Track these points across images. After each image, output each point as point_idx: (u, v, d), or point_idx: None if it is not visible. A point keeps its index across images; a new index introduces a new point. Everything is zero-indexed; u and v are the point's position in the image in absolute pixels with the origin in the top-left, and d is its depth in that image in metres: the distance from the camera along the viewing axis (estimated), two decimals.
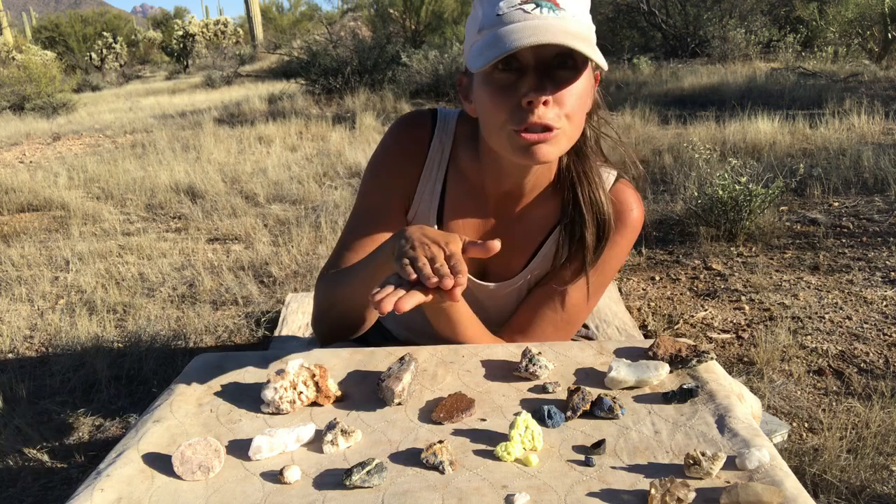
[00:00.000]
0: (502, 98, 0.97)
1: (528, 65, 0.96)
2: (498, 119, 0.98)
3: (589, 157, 1.13)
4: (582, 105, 1.00)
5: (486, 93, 0.99)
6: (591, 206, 1.12)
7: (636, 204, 1.16)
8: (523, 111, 0.95)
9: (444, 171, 1.17)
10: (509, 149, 1.00)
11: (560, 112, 0.97)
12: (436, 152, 1.17)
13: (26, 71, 11.09)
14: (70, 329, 2.72)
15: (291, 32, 20.60)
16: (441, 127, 1.18)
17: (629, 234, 1.16)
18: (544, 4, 0.94)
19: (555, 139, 0.98)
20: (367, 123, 6.78)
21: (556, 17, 0.94)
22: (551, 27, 0.92)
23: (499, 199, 1.16)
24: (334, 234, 3.68)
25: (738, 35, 10.19)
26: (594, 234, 1.13)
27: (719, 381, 0.93)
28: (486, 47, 0.94)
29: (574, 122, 1.00)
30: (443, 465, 0.76)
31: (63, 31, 26.19)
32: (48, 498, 1.78)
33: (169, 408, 0.91)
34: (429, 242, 0.90)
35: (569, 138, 1.01)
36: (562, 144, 1.00)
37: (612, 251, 1.15)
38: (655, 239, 3.42)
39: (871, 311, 2.55)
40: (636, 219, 1.16)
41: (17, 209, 4.67)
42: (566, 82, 0.96)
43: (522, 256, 1.18)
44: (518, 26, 0.93)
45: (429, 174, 1.17)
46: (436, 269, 0.85)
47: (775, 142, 4.87)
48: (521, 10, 0.94)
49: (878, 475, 1.67)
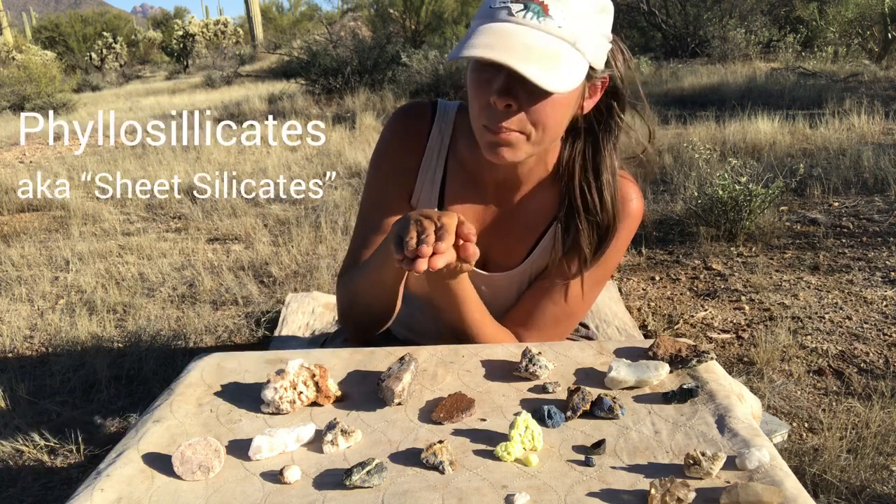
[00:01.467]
0: (479, 92, 0.97)
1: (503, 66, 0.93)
2: (473, 111, 0.99)
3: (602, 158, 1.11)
4: (554, 115, 0.98)
5: (470, 83, 0.99)
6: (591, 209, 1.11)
7: (636, 196, 1.16)
8: (491, 109, 0.96)
9: (444, 160, 1.17)
10: (480, 142, 1.01)
11: (526, 119, 0.96)
12: (435, 142, 1.17)
13: (26, 71, 11.10)
14: (70, 329, 2.72)
15: (291, 32, 20.59)
16: (441, 117, 1.18)
17: (630, 226, 1.15)
18: (532, 8, 0.92)
19: (516, 144, 0.98)
20: (367, 123, 6.78)
21: (537, 24, 0.91)
22: (516, 41, 0.90)
23: (497, 188, 1.16)
24: (334, 234, 3.68)
25: (738, 35, 10.19)
26: (591, 237, 1.13)
27: (719, 381, 0.93)
28: (462, 41, 0.94)
29: (544, 130, 0.98)
30: (443, 465, 0.76)
31: (63, 31, 26.19)
32: (48, 498, 1.78)
33: (169, 408, 0.90)
34: (422, 219, 0.91)
35: (534, 144, 1.00)
36: (525, 149, 0.99)
37: (614, 244, 1.15)
38: (655, 239, 3.41)
39: (871, 311, 2.55)
40: (636, 210, 1.16)
41: (17, 209, 4.67)
42: (539, 93, 0.93)
43: (523, 247, 1.18)
44: (493, 28, 0.92)
45: (428, 164, 1.18)
46: (420, 240, 0.87)
47: (775, 142, 4.87)
48: (506, 10, 0.92)
49: (878, 475, 1.67)
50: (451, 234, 0.89)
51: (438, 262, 0.86)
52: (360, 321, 1.17)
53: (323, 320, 2.23)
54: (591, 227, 1.12)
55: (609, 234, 1.12)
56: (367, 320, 1.16)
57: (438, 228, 0.89)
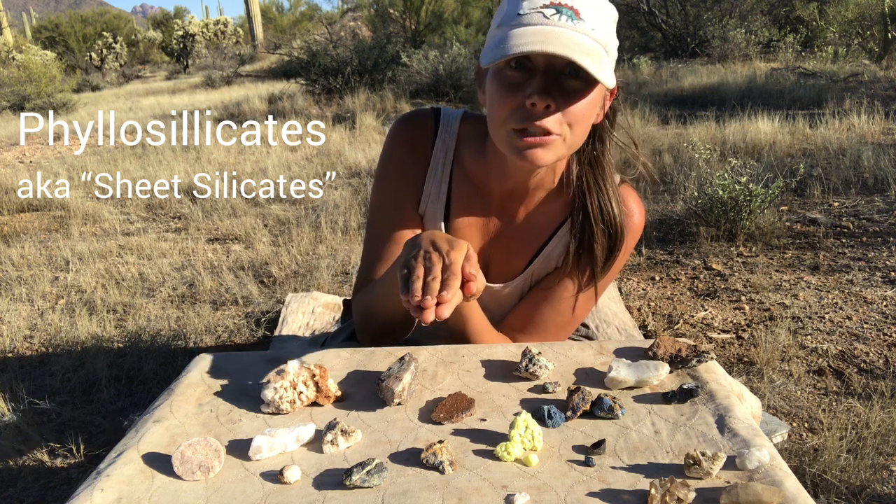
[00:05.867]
0: (508, 95, 0.97)
1: (538, 68, 0.96)
2: (501, 115, 0.98)
3: (605, 167, 1.13)
4: (587, 116, 1.00)
5: (495, 87, 0.99)
6: (604, 219, 1.12)
7: (637, 208, 1.17)
8: (525, 111, 0.95)
9: (450, 170, 1.17)
10: (507, 147, 1.00)
11: (562, 120, 0.97)
12: (440, 152, 1.17)
13: (26, 71, 11.09)
14: (70, 329, 2.72)
15: (291, 32, 20.58)
16: (444, 127, 1.18)
17: (631, 238, 1.16)
18: (565, 12, 0.94)
19: (552, 145, 0.98)
20: (367, 123, 6.78)
21: (573, 26, 0.93)
22: (563, 37, 0.92)
23: (503, 199, 1.17)
24: (334, 234, 3.68)
25: (738, 35, 10.19)
26: (604, 247, 1.13)
27: (719, 381, 0.93)
28: (498, 44, 0.94)
29: (576, 131, 0.99)
30: (443, 465, 0.76)
31: (63, 31, 26.18)
32: (48, 498, 1.78)
33: (169, 408, 0.90)
34: (431, 251, 0.90)
35: (567, 146, 1.01)
36: (559, 151, 1.00)
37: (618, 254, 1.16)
38: (655, 239, 3.41)
39: (871, 311, 2.55)
40: (637, 223, 1.17)
41: (17, 209, 4.67)
42: (574, 94, 0.96)
43: (525, 256, 1.19)
44: (532, 30, 0.93)
45: (434, 174, 1.18)
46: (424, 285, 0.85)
47: (775, 142, 4.87)
48: (540, 14, 0.94)
49: (878, 475, 1.67)
50: (457, 276, 0.87)
51: (445, 311, 0.85)
52: (377, 334, 1.16)
53: (323, 320, 2.23)
54: (603, 234, 1.13)
55: (618, 243, 1.13)
56: (384, 332, 1.16)
57: (445, 268, 0.87)
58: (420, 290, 0.85)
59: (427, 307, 0.84)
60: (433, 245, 0.90)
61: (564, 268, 1.15)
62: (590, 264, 1.14)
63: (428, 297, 0.84)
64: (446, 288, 0.85)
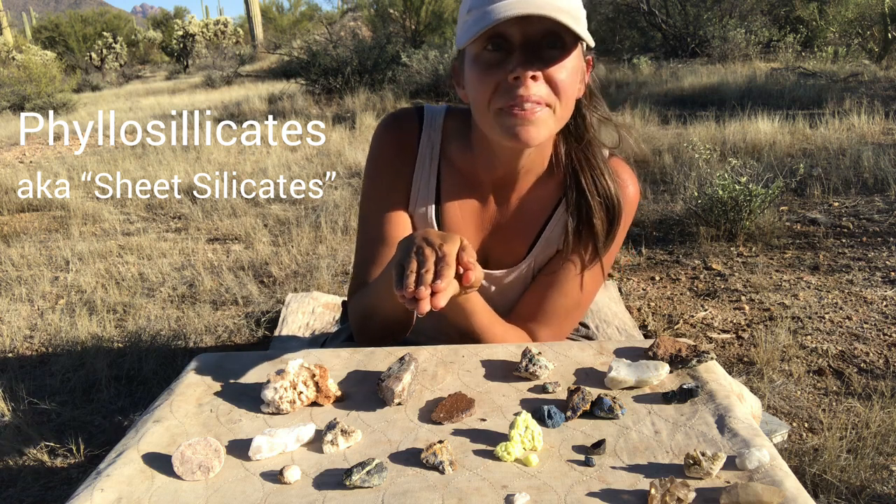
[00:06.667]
0: (489, 76, 0.97)
1: (515, 43, 0.95)
2: (485, 97, 0.98)
3: (592, 143, 1.13)
4: (572, 84, 0.99)
5: (475, 72, 0.99)
6: (599, 193, 1.12)
7: (630, 179, 1.16)
8: (510, 87, 0.95)
9: (437, 165, 1.17)
10: (497, 129, 0.99)
11: (549, 90, 0.97)
12: (426, 148, 1.17)
13: (26, 71, 11.09)
14: (70, 329, 2.72)
15: (291, 32, 20.59)
16: (428, 123, 1.18)
17: (627, 210, 1.16)
18: None
19: (542, 120, 0.97)
20: (367, 123, 6.78)
21: None
22: (539, 1, 0.92)
23: (494, 187, 1.16)
24: (334, 234, 3.68)
25: (738, 35, 10.19)
26: (604, 221, 1.12)
27: (719, 381, 0.93)
28: (473, 23, 0.94)
29: (564, 101, 0.99)
30: (443, 465, 0.76)
31: (63, 31, 26.18)
32: (48, 498, 1.78)
33: (169, 408, 0.90)
34: (424, 246, 0.89)
35: (557, 119, 1.00)
36: (549, 125, 0.99)
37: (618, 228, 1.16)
38: (655, 239, 3.41)
39: (871, 311, 2.55)
40: (633, 194, 1.16)
41: (17, 209, 4.67)
42: (555, 61, 0.96)
43: (524, 242, 1.18)
44: (504, 4, 0.93)
45: (421, 170, 1.17)
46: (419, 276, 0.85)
47: (775, 142, 4.87)
48: None
49: (878, 475, 1.67)
50: (451, 266, 0.87)
51: (440, 301, 0.84)
52: (375, 336, 1.16)
53: (323, 320, 2.23)
54: (601, 207, 1.12)
55: (617, 215, 1.12)
56: (383, 334, 1.15)
57: (439, 260, 0.87)
58: (414, 282, 0.85)
59: (421, 297, 0.83)
60: (426, 241, 0.90)
61: (566, 248, 1.15)
62: (591, 239, 1.13)
63: (422, 287, 0.83)
64: (440, 277, 0.85)
